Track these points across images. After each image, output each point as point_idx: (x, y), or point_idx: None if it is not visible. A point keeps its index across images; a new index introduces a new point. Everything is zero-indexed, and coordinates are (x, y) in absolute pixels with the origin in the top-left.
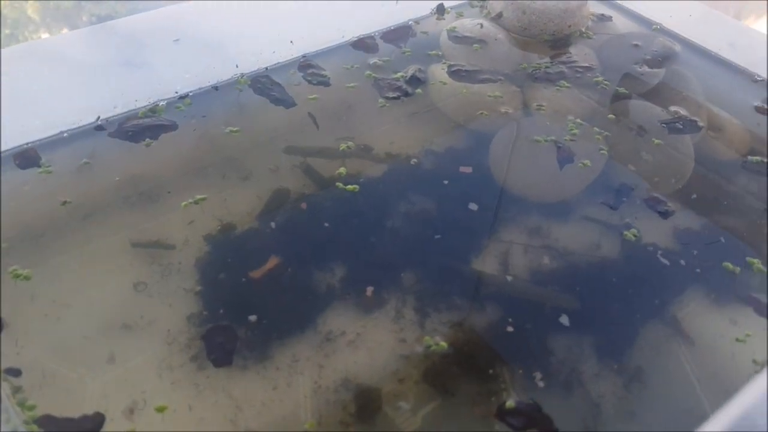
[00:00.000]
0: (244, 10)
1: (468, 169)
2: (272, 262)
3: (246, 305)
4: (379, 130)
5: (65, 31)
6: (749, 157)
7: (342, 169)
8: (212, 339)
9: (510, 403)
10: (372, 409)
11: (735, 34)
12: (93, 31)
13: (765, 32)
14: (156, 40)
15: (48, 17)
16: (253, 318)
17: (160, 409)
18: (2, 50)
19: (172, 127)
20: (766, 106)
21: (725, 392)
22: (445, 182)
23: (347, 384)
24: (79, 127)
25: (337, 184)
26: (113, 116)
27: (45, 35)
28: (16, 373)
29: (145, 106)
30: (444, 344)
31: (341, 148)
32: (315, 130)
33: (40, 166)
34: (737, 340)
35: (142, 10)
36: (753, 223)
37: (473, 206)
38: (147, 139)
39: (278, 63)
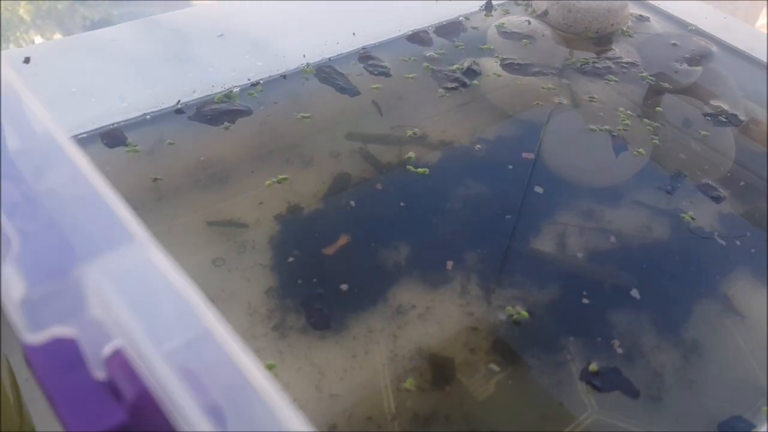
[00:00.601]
0: (307, 5)
1: (530, 155)
2: (343, 239)
3: (324, 278)
4: (440, 118)
5: (58, 35)
6: None
7: (411, 153)
8: (310, 305)
9: (593, 366)
10: (447, 376)
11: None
12: (146, 25)
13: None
14: (226, 31)
15: (39, 18)
16: (344, 287)
17: (270, 367)
18: (70, 37)
19: (247, 112)
20: None
21: None
22: (510, 167)
23: (421, 353)
24: (161, 110)
25: (408, 167)
26: (191, 101)
27: (38, 38)
28: None
29: (220, 92)
30: (525, 313)
31: (408, 135)
32: (376, 118)
33: (126, 146)
34: None
35: (139, 15)
36: None
37: (539, 189)
38: (225, 123)
39: (340, 54)
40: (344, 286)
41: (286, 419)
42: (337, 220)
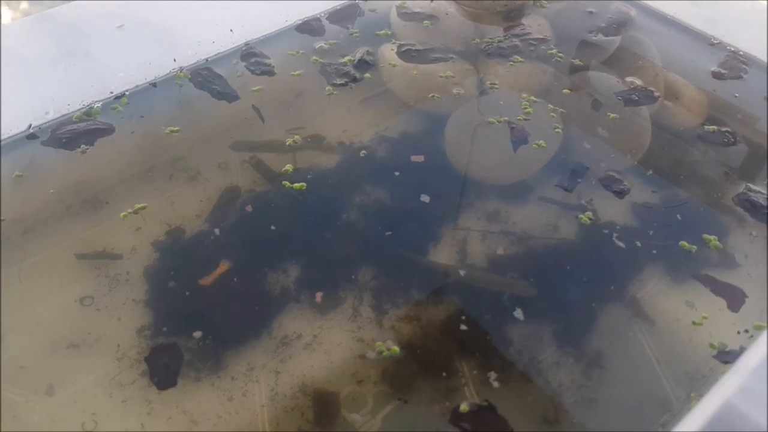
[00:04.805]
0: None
1: (420, 158)
2: (223, 266)
3: (196, 314)
4: (328, 119)
5: None
6: (705, 127)
7: (288, 167)
8: (156, 360)
9: (464, 406)
10: (330, 414)
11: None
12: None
13: None
14: (79, 33)
15: None
16: (197, 334)
17: None
18: None
19: (108, 130)
20: (722, 71)
21: (685, 374)
22: (396, 173)
23: (305, 389)
24: (9, 137)
25: (284, 182)
26: (45, 123)
27: None
28: None
29: (79, 110)
30: (396, 348)
31: (288, 143)
32: (262, 124)
33: None
34: (693, 323)
35: None
36: (709, 195)
37: (425, 198)
38: (82, 146)
39: (219, 53)
40: (198, 333)
41: None
42: (219, 244)
